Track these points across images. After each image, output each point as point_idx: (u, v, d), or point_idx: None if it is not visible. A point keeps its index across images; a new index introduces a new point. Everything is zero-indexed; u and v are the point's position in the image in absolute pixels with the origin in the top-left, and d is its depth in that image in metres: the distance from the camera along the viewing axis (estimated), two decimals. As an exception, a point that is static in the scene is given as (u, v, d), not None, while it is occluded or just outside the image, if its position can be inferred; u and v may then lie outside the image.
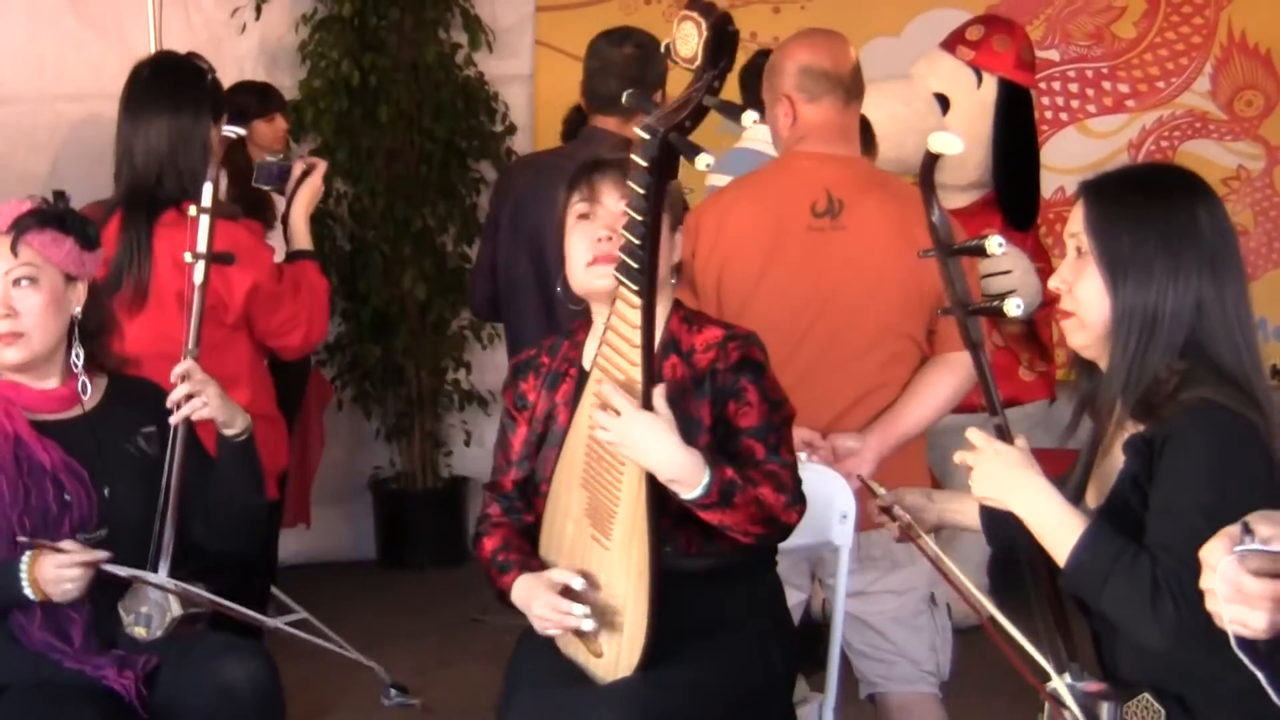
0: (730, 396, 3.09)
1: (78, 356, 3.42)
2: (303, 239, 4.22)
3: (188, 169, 3.96)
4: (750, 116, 2.76)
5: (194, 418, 3.37)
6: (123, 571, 3.26)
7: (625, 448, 2.92)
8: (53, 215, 3.40)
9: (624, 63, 4.50)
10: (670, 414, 2.93)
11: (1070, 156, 6.70)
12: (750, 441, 3.06)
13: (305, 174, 4.23)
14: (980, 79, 5.76)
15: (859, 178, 3.90)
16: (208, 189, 3.48)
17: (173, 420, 3.36)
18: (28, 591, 3.19)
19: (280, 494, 4.28)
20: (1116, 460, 2.66)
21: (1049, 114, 6.86)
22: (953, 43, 5.86)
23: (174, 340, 3.63)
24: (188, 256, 3.48)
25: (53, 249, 3.37)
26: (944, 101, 5.73)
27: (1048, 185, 6.23)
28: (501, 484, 3.29)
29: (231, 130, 3.71)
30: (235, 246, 3.84)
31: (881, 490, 3.16)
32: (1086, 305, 2.69)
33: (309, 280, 4.14)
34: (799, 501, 3.05)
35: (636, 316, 2.90)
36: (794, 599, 3.72)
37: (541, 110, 7.18)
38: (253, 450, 3.47)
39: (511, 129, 7.10)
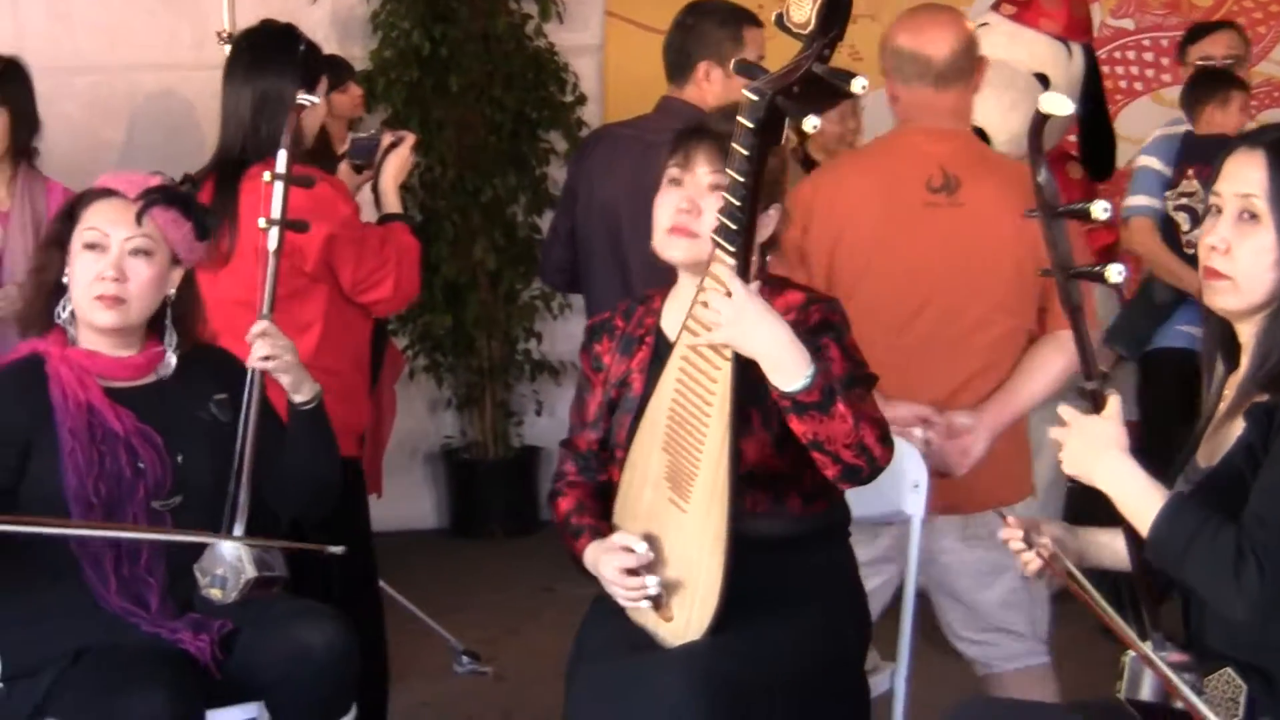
0: (813, 355, 3.07)
1: (171, 334, 3.46)
2: (393, 204, 4.27)
3: (269, 135, 3.98)
4: (860, 83, 2.73)
5: (268, 370, 3.39)
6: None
7: (733, 329, 2.85)
8: (179, 197, 3.46)
9: (701, 34, 4.48)
10: (772, 308, 2.89)
11: (1144, 126, 6.63)
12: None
13: (393, 146, 4.27)
14: (1070, 50, 5.69)
15: (973, 156, 3.90)
16: (282, 155, 3.50)
17: (249, 363, 3.38)
18: None
19: (360, 453, 4.29)
20: (1236, 425, 2.64)
21: (1123, 83, 6.80)
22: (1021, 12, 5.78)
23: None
24: (261, 222, 3.50)
25: (173, 228, 3.43)
26: (1044, 81, 5.66)
27: (1121, 155, 6.18)
28: (576, 443, 3.31)
29: (306, 98, 3.73)
30: (314, 197, 3.89)
31: (1014, 523, 2.98)
32: (1250, 274, 2.64)
33: (398, 239, 4.18)
34: (889, 442, 2.98)
35: (729, 277, 2.87)
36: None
37: (611, 81, 7.19)
38: (323, 418, 3.49)
39: (581, 99, 7.10)
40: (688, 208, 3.10)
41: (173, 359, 3.48)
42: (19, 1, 6.47)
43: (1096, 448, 2.61)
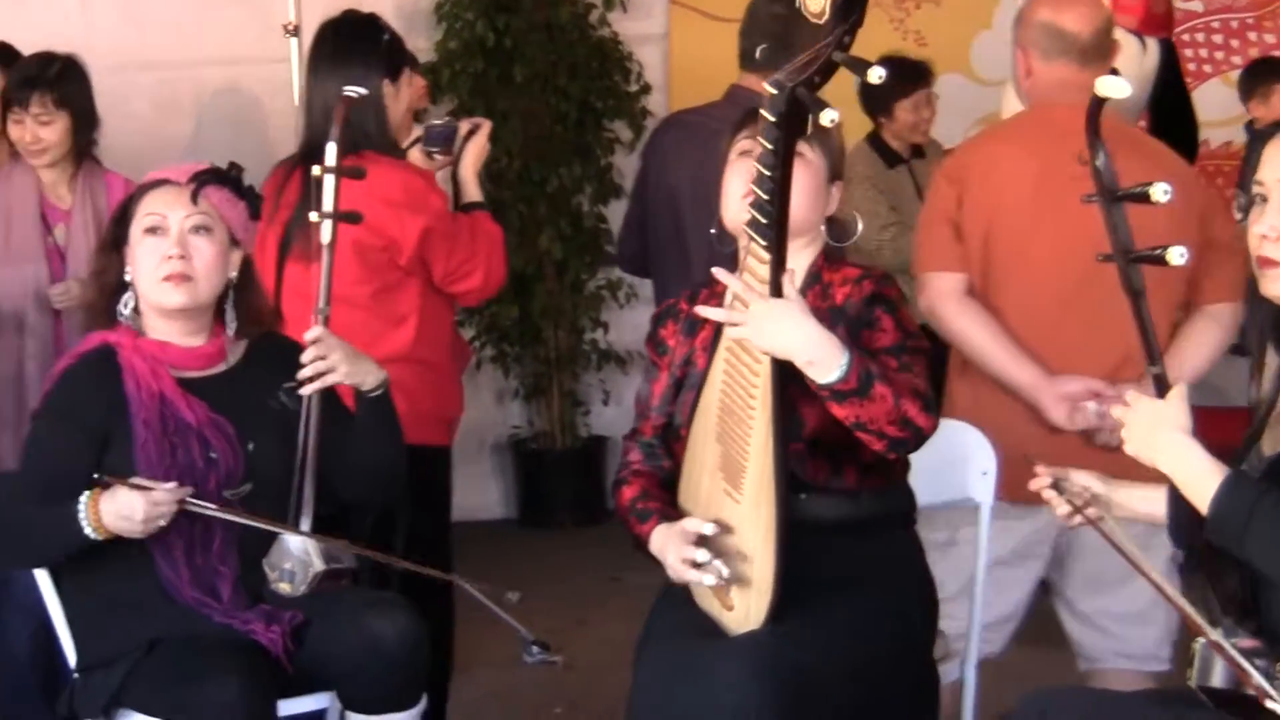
0: (865, 326, 3.09)
1: (233, 319, 3.49)
2: (474, 192, 4.28)
3: (358, 126, 3.99)
4: (877, 73, 2.73)
5: (322, 384, 3.39)
6: (263, 525, 3.32)
7: (758, 335, 2.89)
8: (230, 178, 3.50)
9: (769, 20, 4.47)
10: (802, 300, 2.91)
11: (1215, 108, 6.58)
12: (884, 358, 3.04)
13: (470, 133, 4.28)
14: (1144, 45, 5.63)
15: (1116, 130, 3.84)
16: (331, 149, 3.51)
17: (303, 392, 3.39)
18: (88, 530, 3.22)
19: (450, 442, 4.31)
20: None
21: (1192, 65, 6.74)
22: None
23: (348, 283, 3.72)
24: (313, 216, 3.52)
25: (228, 207, 3.47)
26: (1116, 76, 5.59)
27: (1190, 140, 6.13)
28: (642, 430, 3.32)
29: (353, 90, 3.74)
30: (407, 190, 3.95)
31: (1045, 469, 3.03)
32: None
33: (485, 227, 4.19)
34: (934, 410, 3.00)
35: (766, 272, 2.90)
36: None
37: (675, 70, 7.19)
38: (389, 405, 3.50)
39: (646, 88, 7.09)
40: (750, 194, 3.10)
41: (239, 344, 3.50)
42: (88, 0, 6.52)
43: (1158, 429, 2.60)
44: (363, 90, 3.76)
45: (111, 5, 6.52)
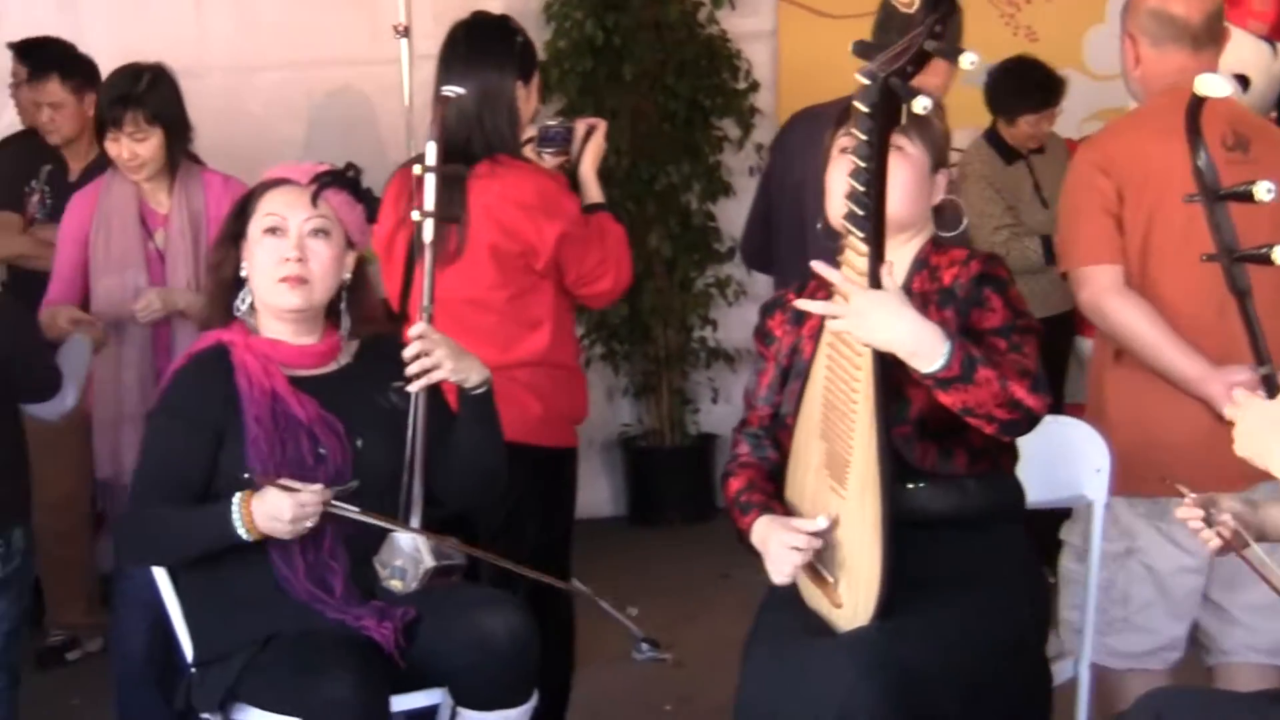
0: (973, 305, 3.08)
1: (346, 319, 3.52)
2: (595, 193, 4.25)
3: (493, 128, 4.01)
4: (969, 59, 2.73)
5: (428, 381, 3.41)
6: (373, 520, 3.34)
7: (859, 328, 2.89)
8: (350, 181, 3.52)
9: (896, 13, 4.42)
10: (901, 292, 2.91)
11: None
12: (993, 339, 3.02)
13: (588, 134, 4.26)
14: (1276, 50, 5.55)
15: (1248, 116, 3.83)
16: (431, 148, 3.53)
17: (410, 389, 3.42)
18: (241, 531, 3.26)
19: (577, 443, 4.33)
20: None
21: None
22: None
23: (484, 287, 3.71)
24: (415, 215, 3.54)
25: (346, 210, 3.50)
26: (1244, 82, 5.52)
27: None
28: (749, 421, 3.32)
29: (450, 90, 3.75)
30: (542, 195, 3.96)
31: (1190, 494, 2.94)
32: None
33: (611, 230, 4.18)
34: (1043, 389, 2.98)
35: (864, 264, 2.90)
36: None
37: (785, 67, 7.16)
38: (491, 405, 3.50)
39: (755, 86, 7.07)
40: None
41: (351, 343, 3.53)
42: (203, 2, 6.59)
43: (1270, 431, 2.56)
44: (460, 90, 3.77)
45: (225, 8, 6.59)
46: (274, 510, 3.22)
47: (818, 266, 2.98)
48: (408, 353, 3.40)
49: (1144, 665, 3.76)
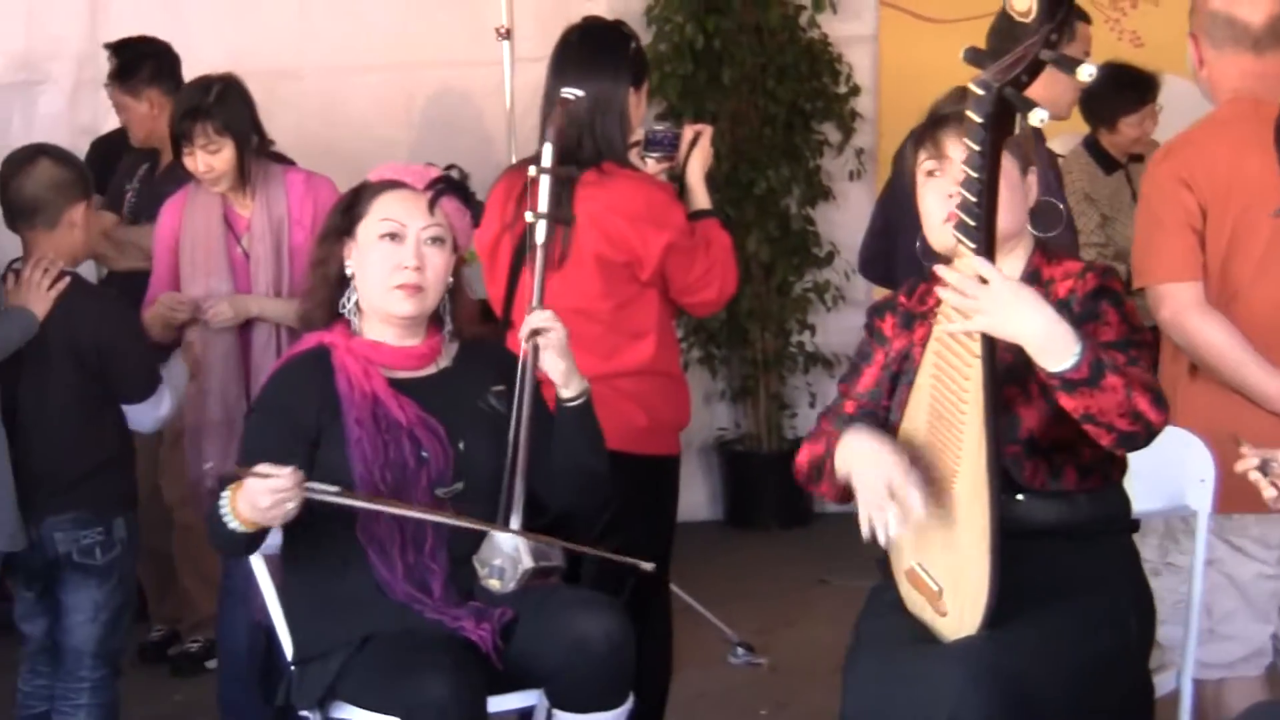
0: (1089, 320, 3.02)
1: (449, 321, 3.54)
2: (702, 199, 4.23)
3: (604, 134, 4.01)
4: (1087, 71, 2.69)
5: (540, 340, 3.39)
6: (470, 523, 3.35)
7: (993, 315, 2.82)
8: (459, 186, 3.53)
9: (1000, 18, 4.36)
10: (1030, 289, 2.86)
11: None
12: (1113, 354, 2.94)
13: (695, 140, 4.24)
14: None
15: None
16: (547, 150, 3.54)
17: (520, 337, 3.41)
18: (232, 524, 3.23)
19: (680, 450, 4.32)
20: None
21: None
22: None
23: (589, 297, 3.72)
24: (529, 216, 3.54)
25: (458, 217, 3.51)
26: None
27: None
28: (842, 406, 3.25)
29: (570, 92, 3.75)
30: (650, 204, 3.96)
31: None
32: None
33: (717, 238, 4.16)
34: (1164, 404, 2.92)
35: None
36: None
37: (885, 72, 7.12)
38: (590, 416, 3.50)
39: (855, 91, 7.04)
40: (957, 192, 3.04)
41: (452, 345, 3.55)
42: (306, 3, 6.64)
43: None
44: (579, 92, 3.77)
45: (329, 9, 6.63)
46: (252, 498, 3.17)
47: (941, 270, 2.89)
48: (532, 320, 3.39)
49: (1239, 673, 3.72)
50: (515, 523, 3.38)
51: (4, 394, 4.10)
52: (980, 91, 2.75)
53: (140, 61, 5.56)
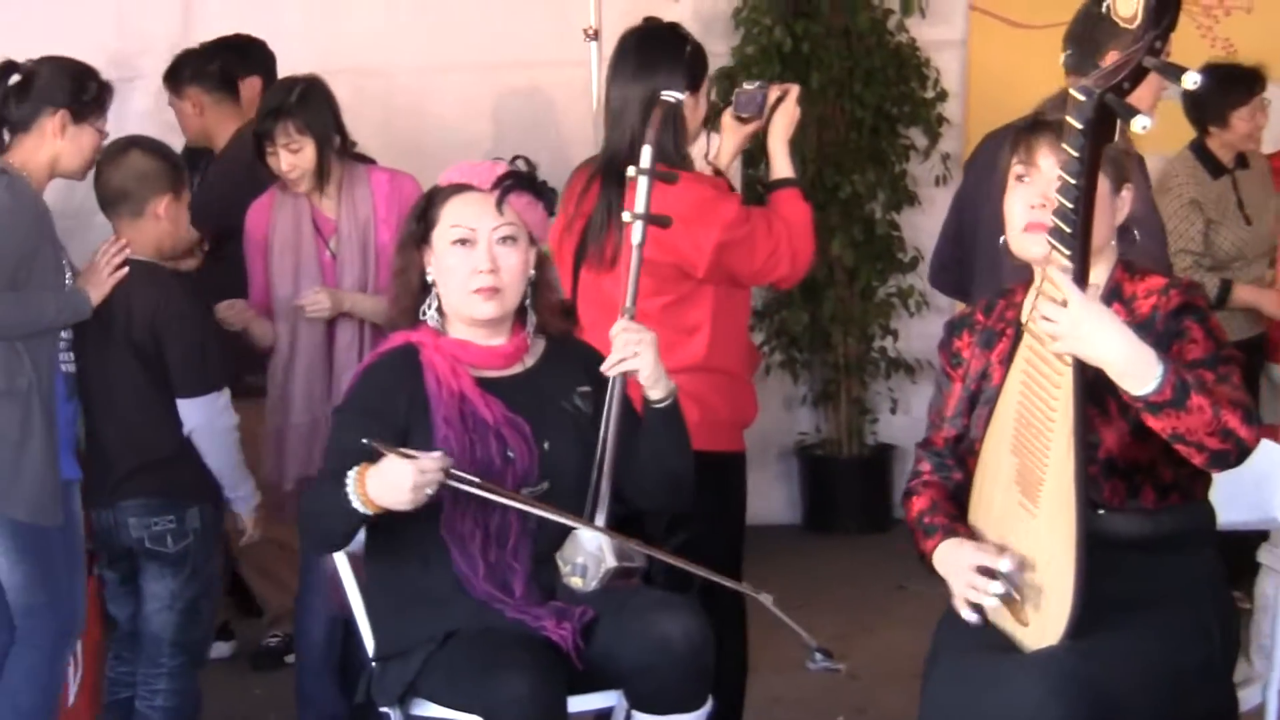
0: (1174, 338, 2.99)
1: (533, 317, 3.54)
2: (782, 167, 4.19)
3: (659, 138, 4.00)
4: (1191, 78, 2.65)
5: (626, 368, 3.40)
6: (556, 515, 3.35)
7: (1074, 339, 2.81)
8: (529, 179, 3.52)
9: (1081, 21, 4.31)
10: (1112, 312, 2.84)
11: None
12: (1201, 372, 2.92)
13: (779, 100, 4.18)
14: None
15: None
16: (647, 151, 3.53)
17: (606, 369, 3.41)
18: (355, 504, 3.21)
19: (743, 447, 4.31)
20: None
21: None
22: None
23: (639, 296, 3.71)
24: (626, 216, 3.53)
25: (529, 212, 3.50)
26: None
27: None
28: (934, 441, 3.28)
29: (671, 95, 3.74)
30: (698, 205, 3.92)
31: None
32: None
33: (782, 211, 4.12)
34: (1255, 420, 2.88)
35: (1066, 282, 2.83)
36: None
37: (974, 77, 7.08)
38: (677, 416, 3.50)
39: (943, 95, 7.00)
40: (1041, 203, 3.04)
41: (537, 344, 3.55)
42: (394, 3, 6.68)
43: None
44: (680, 96, 3.77)
45: (417, 9, 6.67)
46: (395, 479, 3.15)
47: (1052, 273, 2.86)
48: (617, 343, 3.39)
49: None
50: (600, 522, 3.38)
51: (78, 374, 4.20)
52: (1081, 97, 2.74)
53: (184, 62, 5.66)
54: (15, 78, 4.19)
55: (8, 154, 4.17)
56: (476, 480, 3.27)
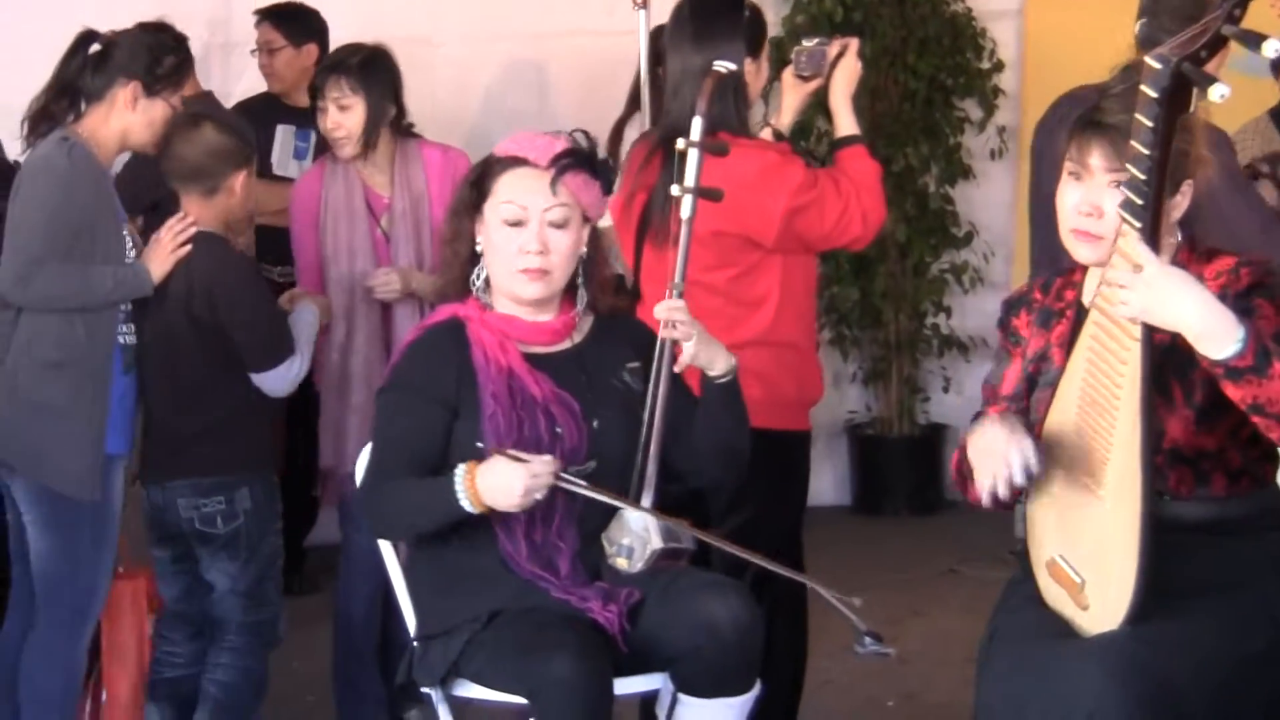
0: (1243, 317, 2.85)
1: (584, 294, 3.49)
2: (847, 124, 4.11)
3: (720, 107, 3.90)
4: (1273, 46, 2.57)
5: (677, 367, 3.38)
6: (606, 497, 3.31)
7: (1150, 304, 2.72)
8: (587, 157, 3.46)
9: None
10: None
11: None
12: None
13: (840, 56, 4.11)
14: None
15: None
16: (697, 122, 3.48)
17: (656, 314, 3.37)
18: (465, 504, 3.22)
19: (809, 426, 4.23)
20: None
21: None
22: None
23: (703, 269, 3.69)
24: (674, 189, 3.48)
25: (584, 192, 3.44)
26: None
27: None
28: (987, 412, 3.17)
29: (723, 65, 3.66)
30: (764, 172, 3.87)
31: None
32: None
33: (849, 170, 4.04)
34: None
35: (1139, 254, 2.74)
36: None
37: (1030, 47, 7.02)
38: (736, 392, 3.46)
39: (999, 66, 6.95)
40: (1089, 211, 2.98)
41: (586, 320, 3.51)
42: (437, -27, 6.65)
43: None
44: (733, 65, 3.69)
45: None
46: (504, 482, 3.18)
47: (1124, 244, 2.79)
48: (663, 329, 3.35)
49: None
50: (647, 503, 3.34)
51: (137, 349, 4.17)
52: (1158, 65, 2.66)
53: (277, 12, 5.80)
54: (95, 47, 4.17)
55: (79, 123, 4.15)
56: (584, 484, 3.28)
